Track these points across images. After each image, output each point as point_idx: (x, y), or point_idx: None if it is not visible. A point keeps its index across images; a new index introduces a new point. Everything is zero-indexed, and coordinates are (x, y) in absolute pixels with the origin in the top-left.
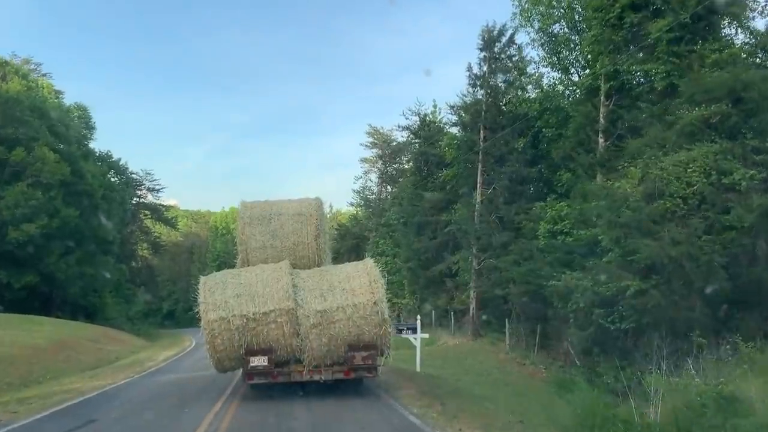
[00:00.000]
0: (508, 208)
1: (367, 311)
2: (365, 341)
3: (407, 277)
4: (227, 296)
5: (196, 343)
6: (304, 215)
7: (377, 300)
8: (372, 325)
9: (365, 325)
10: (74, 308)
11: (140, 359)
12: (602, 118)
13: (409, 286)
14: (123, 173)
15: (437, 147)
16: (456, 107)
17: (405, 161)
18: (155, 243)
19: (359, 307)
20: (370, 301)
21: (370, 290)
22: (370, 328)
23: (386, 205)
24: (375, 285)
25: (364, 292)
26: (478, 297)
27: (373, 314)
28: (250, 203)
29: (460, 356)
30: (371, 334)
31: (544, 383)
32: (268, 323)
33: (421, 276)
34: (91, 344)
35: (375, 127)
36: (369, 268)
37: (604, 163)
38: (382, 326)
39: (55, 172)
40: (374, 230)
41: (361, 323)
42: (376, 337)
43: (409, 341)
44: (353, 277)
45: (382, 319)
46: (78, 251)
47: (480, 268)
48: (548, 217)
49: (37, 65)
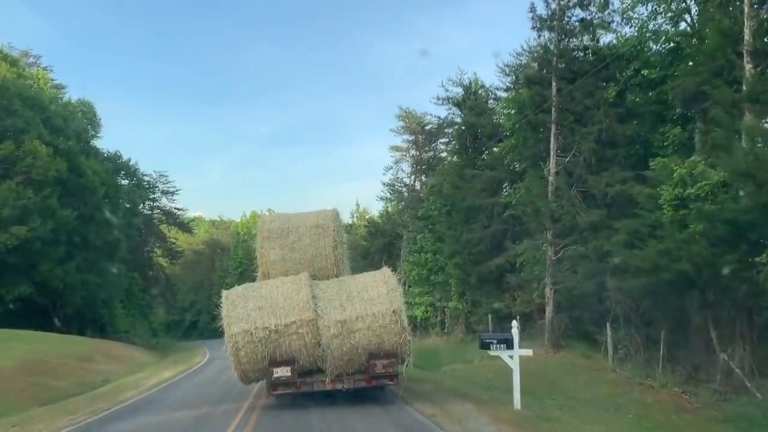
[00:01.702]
0: (596, 179)
1: (387, 320)
2: (385, 349)
3: (454, 275)
4: (249, 309)
5: (209, 358)
6: (322, 227)
7: (395, 309)
8: (392, 333)
9: (385, 333)
10: (82, 321)
11: (127, 384)
12: (749, 34)
13: (456, 287)
14: (133, 175)
15: (487, 116)
16: (511, 68)
17: (444, 144)
18: (171, 250)
19: (378, 316)
20: (389, 310)
21: (389, 299)
22: (389, 337)
23: (423, 195)
24: (393, 294)
25: (383, 301)
26: (555, 295)
27: (392, 323)
28: (268, 217)
29: (549, 375)
30: (391, 342)
31: (707, 420)
32: (290, 334)
33: (473, 273)
34: (79, 364)
35: (406, 109)
36: (387, 277)
37: (756, 97)
38: (402, 334)
39: (50, 167)
40: (409, 225)
41: (381, 332)
42: (397, 345)
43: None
44: (371, 286)
45: (402, 327)
46: (78, 257)
47: (559, 258)
48: (674, 181)
49: (36, 58)
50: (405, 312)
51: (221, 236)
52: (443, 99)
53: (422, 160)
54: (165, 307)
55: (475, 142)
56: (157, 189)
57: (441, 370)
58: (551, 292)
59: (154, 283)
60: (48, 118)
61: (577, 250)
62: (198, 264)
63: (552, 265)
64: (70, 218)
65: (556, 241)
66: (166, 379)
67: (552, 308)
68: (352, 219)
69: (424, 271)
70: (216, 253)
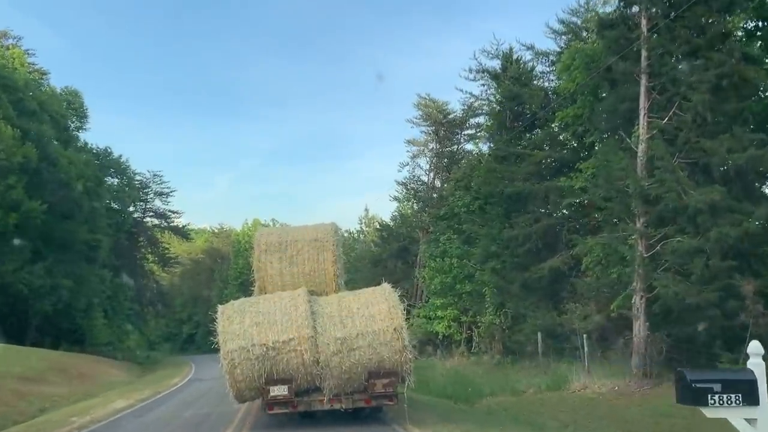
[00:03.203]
0: (713, 144)
1: (388, 337)
2: (386, 368)
3: (489, 283)
4: (246, 325)
5: (190, 379)
6: (320, 241)
7: (397, 326)
8: (393, 351)
9: (386, 351)
10: (58, 332)
11: (60, 417)
12: None
13: (492, 297)
14: (123, 173)
15: (534, 87)
16: (567, 23)
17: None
18: (164, 255)
19: (379, 333)
20: (390, 327)
21: (390, 316)
22: (390, 355)
23: (445, 192)
24: (394, 311)
25: (384, 318)
26: (646, 306)
27: (393, 340)
28: (266, 230)
29: (663, 426)
30: (392, 360)
31: None
32: (288, 351)
33: (516, 280)
34: (18, 386)
35: (426, 95)
36: (387, 293)
37: None
38: (403, 352)
39: (15, 152)
40: (429, 226)
41: (382, 350)
42: (397, 363)
43: None
44: (372, 303)
45: (403, 345)
46: (50, 258)
47: (655, 254)
48: None
49: (16, 39)
50: (406, 330)
51: (221, 245)
52: (477, 72)
53: (443, 153)
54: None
55: (518, 119)
56: (150, 190)
57: (481, 403)
58: (642, 301)
59: (145, 293)
60: (20, 100)
61: (685, 243)
62: (197, 274)
63: (644, 265)
64: (38, 212)
65: (649, 232)
66: (117, 411)
67: (643, 323)
68: (360, 225)
69: (448, 279)
70: (216, 262)
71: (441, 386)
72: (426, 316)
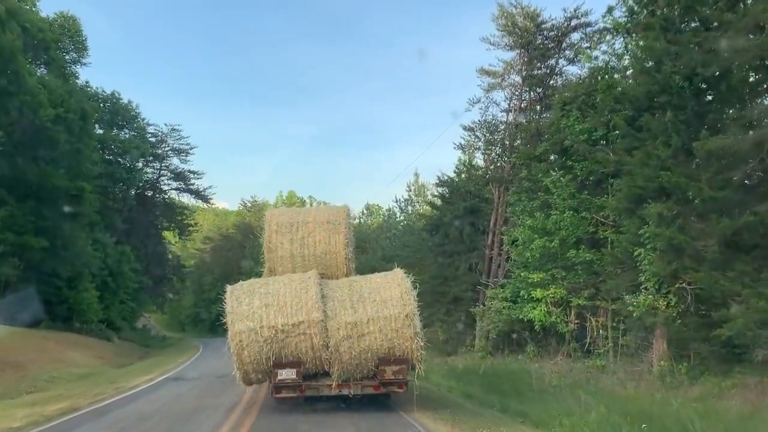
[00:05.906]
0: None
1: (399, 323)
2: (396, 355)
3: (649, 240)
4: (255, 306)
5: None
6: (333, 223)
7: (408, 313)
8: (404, 338)
9: (397, 338)
10: (48, 307)
11: None
12: None
13: (656, 265)
14: (131, 121)
15: None
16: None
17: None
18: (181, 222)
19: (390, 320)
20: (401, 314)
21: (402, 302)
22: (401, 342)
23: (549, 120)
24: (407, 297)
25: (396, 304)
26: None
27: (405, 327)
28: (277, 211)
29: None
30: (403, 347)
31: None
32: (297, 335)
33: (710, 234)
34: None
35: (512, 4)
36: (400, 279)
37: None
38: (414, 339)
39: None
40: (509, 182)
41: (393, 336)
42: (408, 350)
43: None
44: (384, 288)
45: (414, 332)
46: (13, 207)
47: None
48: None
49: None
50: (418, 316)
51: (254, 219)
52: None
53: (534, 78)
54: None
55: None
56: (166, 146)
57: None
58: None
59: (158, 264)
60: None
61: None
62: (228, 250)
63: None
64: None
65: None
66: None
67: None
68: (409, 194)
69: (553, 243)
70: (248, 238)
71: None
72: (509, 298)
